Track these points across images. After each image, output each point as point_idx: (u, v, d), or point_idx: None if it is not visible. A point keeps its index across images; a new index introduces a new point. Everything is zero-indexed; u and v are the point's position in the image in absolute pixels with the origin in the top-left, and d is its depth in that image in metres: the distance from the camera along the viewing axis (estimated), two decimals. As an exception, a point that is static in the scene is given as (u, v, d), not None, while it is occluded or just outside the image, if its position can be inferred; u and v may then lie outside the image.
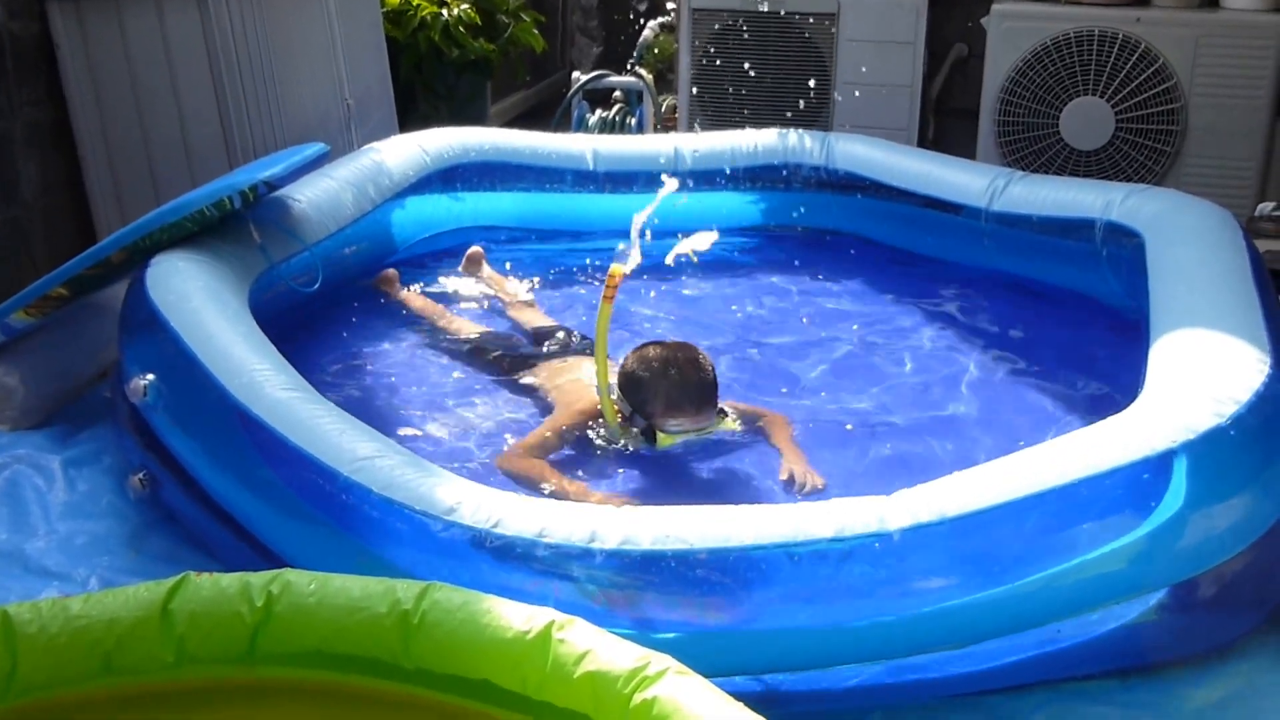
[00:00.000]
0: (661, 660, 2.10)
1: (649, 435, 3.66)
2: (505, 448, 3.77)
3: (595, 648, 2.15)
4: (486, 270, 5.18)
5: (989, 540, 2.71)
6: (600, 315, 3.61)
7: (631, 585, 2.65)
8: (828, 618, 2.66)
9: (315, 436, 3.06)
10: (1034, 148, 6.24)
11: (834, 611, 2.67)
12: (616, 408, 3.73)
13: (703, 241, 3.69)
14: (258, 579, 2.32)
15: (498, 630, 2.22)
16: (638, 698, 2.05)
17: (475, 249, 5.23)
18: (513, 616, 2.23)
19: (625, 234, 5.54)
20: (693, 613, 2.65)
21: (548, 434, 3.78)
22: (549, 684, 2.16)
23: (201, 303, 3.69)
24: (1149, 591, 2.89)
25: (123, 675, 2.27)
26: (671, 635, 2.64)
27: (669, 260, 3.83)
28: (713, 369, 3.73)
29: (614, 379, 3.75)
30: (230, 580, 2.33)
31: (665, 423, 3.65)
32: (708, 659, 2.54)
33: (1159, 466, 2.81)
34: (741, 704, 2.00)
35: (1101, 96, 6.04)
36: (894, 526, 2.68)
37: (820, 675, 2.83)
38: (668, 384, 3.65)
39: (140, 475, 3.60)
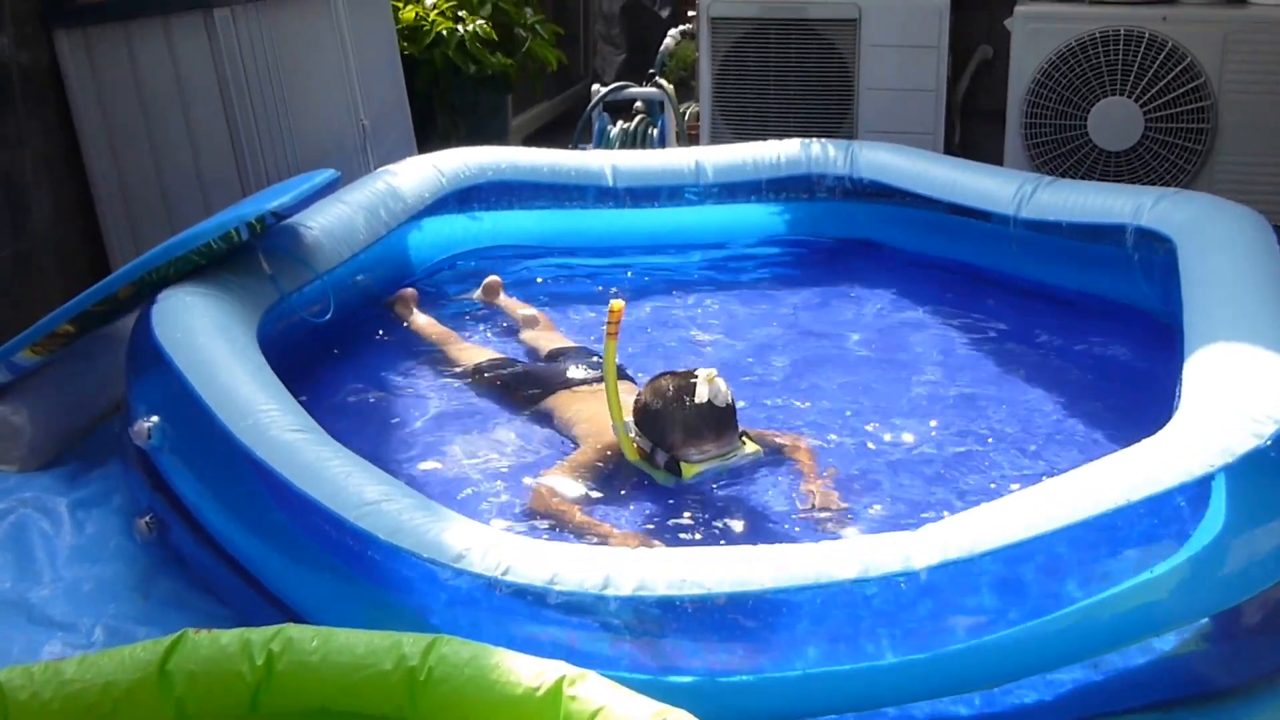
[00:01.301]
0: (678, 716, 2.01)
1: (673, 468, 3.56)
2: (531, 489, 3.67)
3: (609, 704, 2.07)
4: (504, 299, 5.10)
5: (1020, 576, 2.60)
6: (606, 352, 3.52)
7: (648, 632, 2.56)
8: (853, 661, 2.56)
9: (321, 480, 2.97)
10: (1062, 150, 6.13)
11: (859, 655, 2.56)
12: (636, 444, 3.63)
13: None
14: (258, 636, 2.25)
15: (506, 686, 2.14)
16: (653, 757, 1.97)
17: (492, 278, 5.16)
18: (522, 671, 2.15)
19: (647, 250, 5.56)
20: (712, 659, 2.56)
21: (570, 472, 3.69)
22: (561, 743, 2.07)
23: (208, 339, 3.62)
24: (1191, 622, 2.77)
25: (120, 740, 2.20)
26: (690, 680, 2.55)
27: None
28: (729, 392, 3.61)
29: (629, 416, 3.65)
30: (230, 638, 2.25)
31: (688, 452, 3.54)
32: (729, 707, 2.47)
33: (1197, 491, 2.71)
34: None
35: (1130, 96, 5.93)
36: (921, 565, 2.58)
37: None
38: (685, 412, 3.54)
39: (147, 519, 3.52)
